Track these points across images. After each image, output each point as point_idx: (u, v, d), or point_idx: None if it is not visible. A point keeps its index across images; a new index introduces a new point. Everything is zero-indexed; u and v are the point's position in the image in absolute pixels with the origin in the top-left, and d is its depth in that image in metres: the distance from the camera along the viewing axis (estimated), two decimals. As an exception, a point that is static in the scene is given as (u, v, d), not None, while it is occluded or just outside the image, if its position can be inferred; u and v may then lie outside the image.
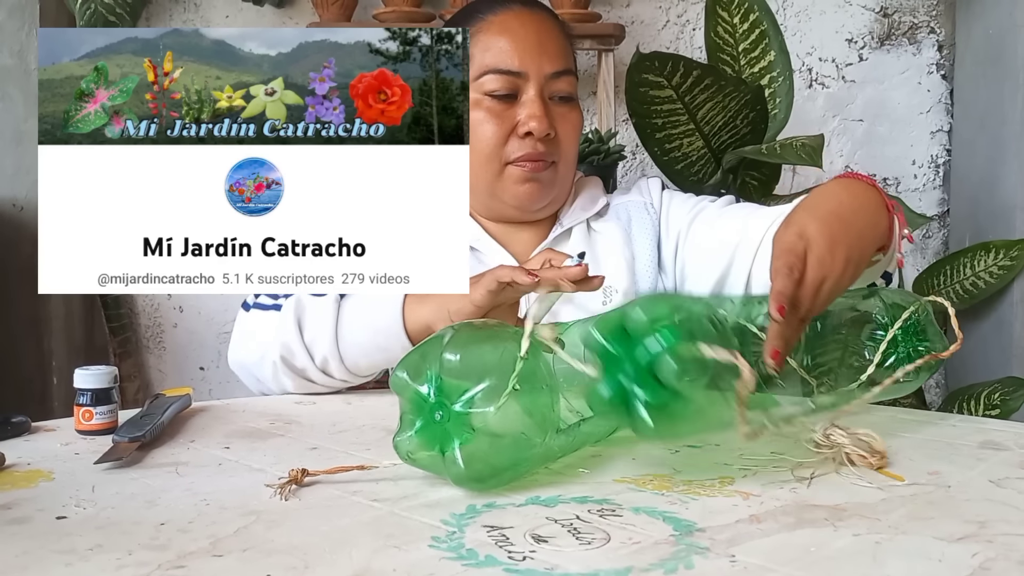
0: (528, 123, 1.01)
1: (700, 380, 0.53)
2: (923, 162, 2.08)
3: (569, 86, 1.04)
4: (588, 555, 0.45)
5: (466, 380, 0.55)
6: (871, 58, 2.06)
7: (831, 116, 2.07)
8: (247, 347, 0.95)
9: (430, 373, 0.55)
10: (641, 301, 0.57)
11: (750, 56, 1.65)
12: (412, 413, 0.56)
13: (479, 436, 0.54)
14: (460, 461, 0.53)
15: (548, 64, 1.02)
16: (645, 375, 0.54)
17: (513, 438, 0.55)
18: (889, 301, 0.76)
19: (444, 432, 0.55)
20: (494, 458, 0.55)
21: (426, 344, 0.58)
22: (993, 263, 1.73)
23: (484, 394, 0.54)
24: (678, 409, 0.53)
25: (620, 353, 0.55)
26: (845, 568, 0.44)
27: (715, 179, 1.63)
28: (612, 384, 0.55)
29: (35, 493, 0.55)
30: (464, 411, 0.54)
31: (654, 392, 0.53)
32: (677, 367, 0.53)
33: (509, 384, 0.53)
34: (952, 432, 0.74)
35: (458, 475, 0.54)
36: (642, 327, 0.54)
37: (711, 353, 0.53)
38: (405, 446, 0.56)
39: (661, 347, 0.54)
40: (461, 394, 0.54)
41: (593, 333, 0.56)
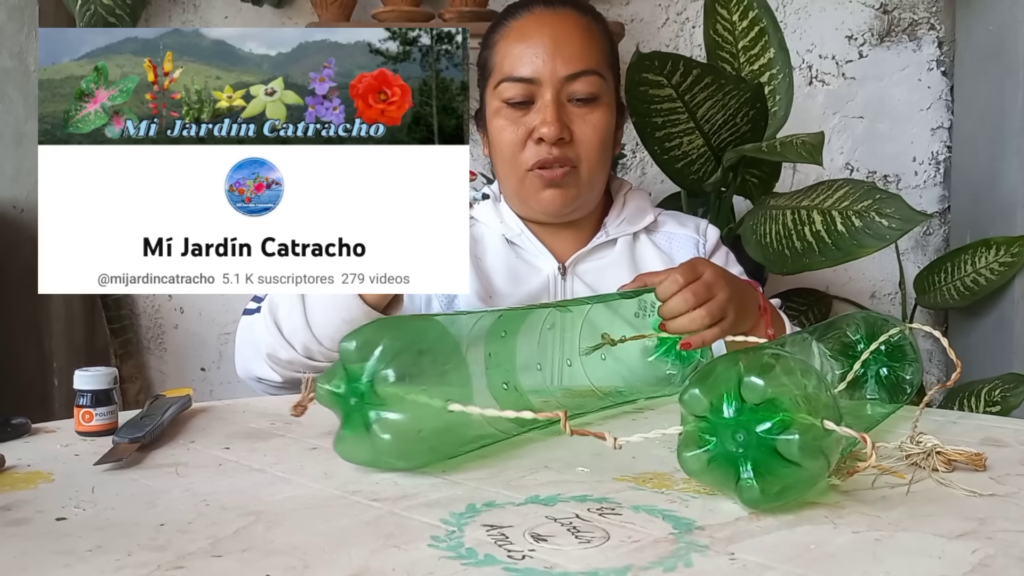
0: (540, 129, 1.01)
1: (818, 455, 0.51)
2: (924, 159, 2.08)
3: (588, 86, 1.03)
4: (587, 554, 0.45)
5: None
6: (871, 55, 2.06)
7: (831, 113, 2.07)
8: (244, 353, 0.98)
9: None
10: (753, 362, 0.52)
11: (750, 53, 1.65)
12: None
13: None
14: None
15: (563, 67, 1.02)
16: (761, 447, 0.50)
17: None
18: (868, 324, 0.76)
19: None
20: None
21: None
22: (994, 260, 1.73)
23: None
24: (788, 477, 0.51)
25: (733, 421, 0.51)
26: (845, 565, 0.44)
27: (715, 177, 1.62)
28: (718, 449, 0.52)
29: (35, 494, 0.55)
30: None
31: (767, 463, 0.50)
32: (801, 445, 0.50)
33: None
34: (953, 429, 0.74)
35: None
36: (759, 393, 0.50)
37: (840, 431, 0.50)
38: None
39: (785, 424, 0.50)
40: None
41: (698, 395, 0.52)
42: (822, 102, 2.07)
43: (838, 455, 0.53)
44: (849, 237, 1.44)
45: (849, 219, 1.45)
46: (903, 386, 0.76)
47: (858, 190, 1.47)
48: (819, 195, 1.51)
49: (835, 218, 1.46)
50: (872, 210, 1.43)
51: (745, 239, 1.58)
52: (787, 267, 1.52)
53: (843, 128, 2.07)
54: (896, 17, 2.06)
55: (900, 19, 2.06)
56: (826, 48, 2.06)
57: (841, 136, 2.07)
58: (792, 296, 1.95)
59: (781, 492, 0.51)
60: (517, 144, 1.03)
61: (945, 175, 2.08)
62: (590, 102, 1.03)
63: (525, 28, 1.04)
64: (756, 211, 1.62)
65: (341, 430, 0.59)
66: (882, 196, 1.44)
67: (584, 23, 1.06)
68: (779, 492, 0.51)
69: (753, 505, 0.51)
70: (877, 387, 0.76)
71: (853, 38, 2.06)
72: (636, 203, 1.13)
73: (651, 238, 1.12)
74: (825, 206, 1.48)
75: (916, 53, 2.06)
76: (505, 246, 1.09)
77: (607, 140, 1.06)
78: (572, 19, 1.05)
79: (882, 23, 2.06)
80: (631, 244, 1.10)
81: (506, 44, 1.05)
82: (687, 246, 1.11)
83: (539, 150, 1.02)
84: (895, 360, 0.76)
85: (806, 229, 1.49)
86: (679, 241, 1.12)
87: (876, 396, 0.76)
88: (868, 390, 0.76)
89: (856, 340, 0.75)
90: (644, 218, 1.11)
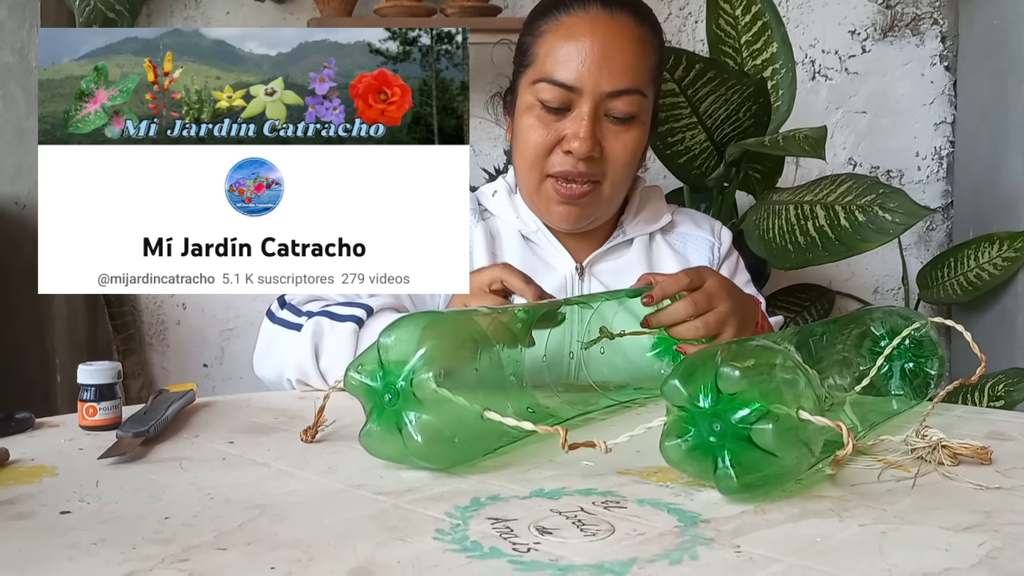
0: (571, 141, 0.96)
1: (795, 445, 0.51)
2: (926, 154, 2.07)
3: (628, 106, 0.97)
4: (593, 546, 0.45)
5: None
6: (874, 50, 2.05)
7: (834, 108, 2.06)
8: (265, 364, 0.96)
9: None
10: (732, 353, 0.53)
11: (752, 48, 1.64)
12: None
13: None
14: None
15: (607, 82, 0.96)
16: (736, 436, 0.51)
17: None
18: (891, 318, 0.76)
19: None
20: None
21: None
22: (997, 255, 1.72)
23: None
24: (765, 466, 0.51)
25: (710, 411, 0.52)
26: (851, 558, 0.44)
27: (718, 172, 1.62)
28: (696, 439, 0.52)
29: (39, 488, 0.55)
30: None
31: (744, 452, 0.51)
32: (775, 434, 0.50)
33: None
34: (958, 423, 0.74)
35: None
36: (734, 383, 0.51)
37: (815, 421, 0.51)
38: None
39: (761, 413, 0.51)
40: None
41: (677, 386, 0.53)
42: (825, 97, 2.06)
43: (821, 445, 0.53)
44: (852, 232, 1.43)
45: (852, 214, 1.44)
46: (928, 381, 0.76)
47: (861, 185, 1.47)
48: (822, 190, 1.51)
49: (838, 213, 1.46)
50: (875, 205, 1.42)
51: (748, 234, 1.58)
52: (790, 262, 1.51)
53: (846, 123, 2.07)
54: (899, 12, 2.05)
55: (903, 14, 2.05)
56: (829, 43, 2.05)
57: (844, 131, 2.07)
58: (795, 291, 1.94)
59: (759, 481, 0.52)
60: (544, 149, 0.98)
61: (948, 170, 2.07)
62: (626, 121, 0.98)
63: (577, 27, 0.97)
64: (759, 206, 1.61)
65: (370, 423, 0.59)
66: (885, 191, 1.43)
67: (639, 34, 0.99)
68: (757, 481, 0.52)
69: (731, 494, 0.52)
70: (902, 382, 0.76)
71: (856, 33, 2.05)
72: (652, 201, 1.11)
73: (666, 239, 1.10)
74: (828, 201, 1.48)
75: (919, 48, 2.05)
76: (521, 243, 1.06)
77: (636, 159, 1.03)
78: (628, 28, 0.98)
79: (885, 18, 2.05)
80: (647, 244, 1.08)
81: (553, 39, 0.98)
82: (702, 248, 1.10)
83: (565, 160, 0.98)
84: (920, 356, 0.76)
85: (809, 224, 1.48)
86: (694, 243, 1.11)
87: (901, 391, 0.76)
88: (893, 385, 0.76)
89: (880, 335, 0.75)
90: (661, 218, 1.10)
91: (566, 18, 0.98)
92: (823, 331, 0.74)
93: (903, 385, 0.76)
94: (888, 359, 0.73)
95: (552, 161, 0.99)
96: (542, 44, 0.99)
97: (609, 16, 0.98)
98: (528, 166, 1.01)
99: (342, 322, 0.91)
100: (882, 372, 0.74)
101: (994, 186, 1.87)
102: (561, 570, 0.42)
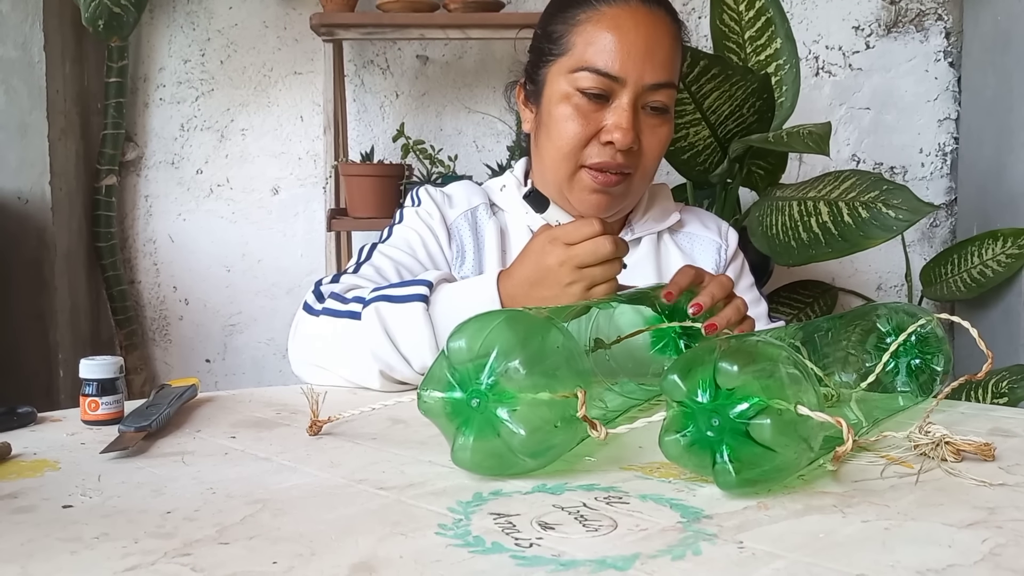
0: (613, 132, 0.96)
1: (793, 440, 0.51)
2: (930, 150, 2.07)
3: (666, 98, 0.98)
4: (595, 542, 0.45)
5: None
6: (878, 46, 2.05)
7: (838, 104, 2.06)
8: (329, 356, 0.89)
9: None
10: (730, 349, 0.53)
11: (756, 44, 1.64)
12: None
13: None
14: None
15: (650, 74, 0.96)
16: (735, 431, 0.51)
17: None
18: (897, 314, 0.76)
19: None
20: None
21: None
22: (1001, 251, 1.72)
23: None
24: (764, 462, 0.51)
25: (709, 406, 0.52)
26: (854, 554, 0.44)
27: (721, 169, 1.62)
28: (695, 434, 0.52)
29: (41, 482, 0.55)
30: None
31: (742, 447, 0.51)
32: (773, 430, 0.50)
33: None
34: (961, 419, 0.73)
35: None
36: (732, 379, 0.51)
37: (813, 416, 0.51)
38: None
39: (759, 409, 0.51)
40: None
41: (676, 381, 0.53)
42: (829, 93, 2.06)
43: (820, 441, 0.53)
44: (856, 228, 1.43)
45: (856, 210, 1.44)
46: (934, 377, 0.76)
47: (865, 181, 1.46)
48: (825, 186, 1.51)
49: (842, 209, 1.45)
50: (879, 201, 1.42)
51: (751, 230, 1.58)
52: (793, 258, 1.51)
53: (850, 119, 2.06)
54: (903, 8, 2.05)
55: (907, 10, 2.05)
56: (833, 39, 2.05)
57: (848, 127, 2.06)
58: (798, 288, 1.94)
59: (758, 476, 0.52)
60: (582, 139, 0.97)
61: (952, 166, 2.07)
62: (662, 113, 0.99)
63: (620, 19, 0.97)
64: (762, 202, 1.61)
65: (460, 439, 0.55)
66: (889, 187, 1.43)
67: (674, 31, 1.00)
68: (756, 476, 0.51)
69: (729, 489, 0.52)
70: (908, 378, 0.76)
71: (860, 29, 2.05)
72: (660, 199, 1.11)
73: (674, 238, 1.10)
74: (832, 197, 1.48)
75: (923, 44, 2.05)
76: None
77: (663, 153, 1.03)
78: (666, 24, 0.99)
79: (889, 14, 2.05)
80: (655, 243, 1.08)
81: (595, 29, 0.97)
82: (709, 249, 1.10)
83: (603, 151, 0.97)
84: (926, 352, 0.76)
85: (812, 220, 1.48)
86: (701, 243, 1.10)
87: (907, 388, 0.76)
88: (899, 381, 0.76)
89: (886, 332, 0.75)
90: (669, 217, 1.09)
91: (607, 8, 0.98)
92: (828, 327, 0.74)
93: (909, 381, 0.76)
94: (894, 355, 0.73)
95: (589, 152, 0.98)
96: (581, 33, 0.98)
97: (649, 11, 0.98)
98: (563, 156, 0.99)
99: (407, 303, 0.86)
100: (888, 368, 0.74)
101: (998, 182, 1.86)
102: (563, 565, 0.42)
